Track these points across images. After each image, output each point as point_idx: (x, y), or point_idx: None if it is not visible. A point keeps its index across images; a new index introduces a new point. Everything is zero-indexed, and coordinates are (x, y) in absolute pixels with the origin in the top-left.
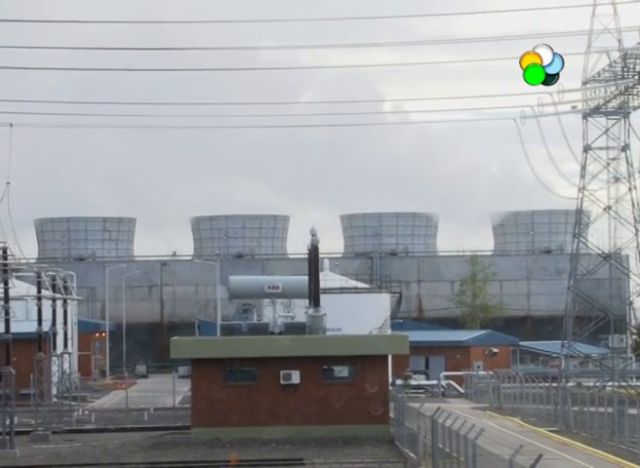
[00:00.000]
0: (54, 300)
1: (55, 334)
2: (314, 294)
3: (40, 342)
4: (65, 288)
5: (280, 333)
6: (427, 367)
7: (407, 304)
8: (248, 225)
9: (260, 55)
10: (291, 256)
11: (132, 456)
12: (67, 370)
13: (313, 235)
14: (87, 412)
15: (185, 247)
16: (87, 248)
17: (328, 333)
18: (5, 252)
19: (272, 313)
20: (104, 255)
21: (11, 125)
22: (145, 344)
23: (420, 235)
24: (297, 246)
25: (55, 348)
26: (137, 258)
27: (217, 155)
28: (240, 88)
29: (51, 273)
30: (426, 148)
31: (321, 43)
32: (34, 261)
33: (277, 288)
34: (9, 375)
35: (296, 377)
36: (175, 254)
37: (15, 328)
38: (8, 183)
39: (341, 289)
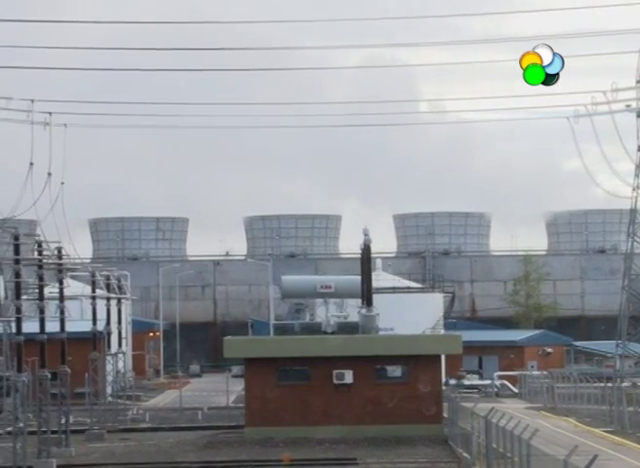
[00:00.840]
0: (108, 300)
1: (109, 334)
2: (367, 294)
3: (95, 341)
4: (119, 287)
5: (333, 333)
6: (481, 366)
7: (460, 304)
8: (300, 225)
9: (310, 54)
10: (343, 256)
11: (186, 455)
12: (122, 370)
13: (366, 235)
14: (141, 411)
15: (238, 246)
16: (140, 247)
17: (380, 333)
18: (60, 251)
19: (325, 313)
20: (158, 255)
21: (65, 125)
22: (199, 344)
23: (473, 234)
24: (349, 245)
25: (109, 347)
26: (190, 258)
27: (269, 154)
28: (290, 87)
29: (105, 273)
30: (479, 147)
31: (372, 42)
32: (88, 261)
33: (330, 287)
34: (64, 374)
35: (349, 377)
36: (228, 254)
37: (70, 327)
38: (62, 183)
39: (394, 288)
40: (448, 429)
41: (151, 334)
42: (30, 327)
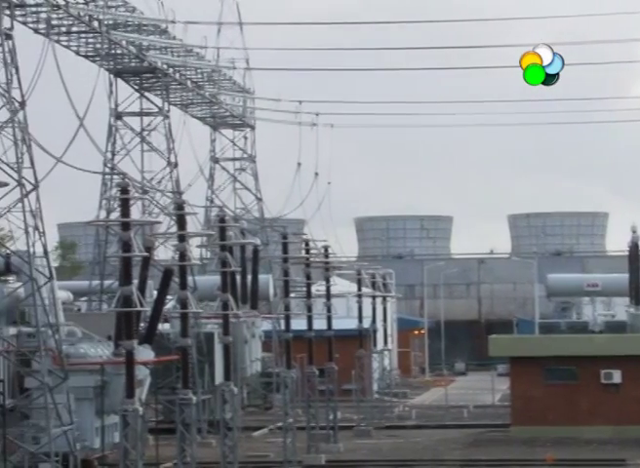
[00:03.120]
0: (373, 298)
1: (375, 331)
2: (635, 292)
3: (361, 339)
4: (385, 285)
5: (600, 332)
6: None
7: None
8: (566, 223)
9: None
10: (610, 254)
11: (451, 453)
12: (387, 367)
13: (634, 232)
14: (407, 409)
15: (502, 244)
16: (405, 246)
17: None
18: (326, 250)
19: (592, 311)
20: (422, 253)
21: (331, 125)
22: (463, 342)
23: None
24: (617, 243)
25: (375, 345)
26: (454, 256)
27: (535, 152)
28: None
29: (370, 271)
30: None
31: None
32: (354, 260)
33: (597, 286)
34: (331, 371)
35: (617, 377)
36: (492, 252)
37: (336, 324)
38: (329, 183)
39: None
40: None
41: (416, 332)
42: (298, 324)
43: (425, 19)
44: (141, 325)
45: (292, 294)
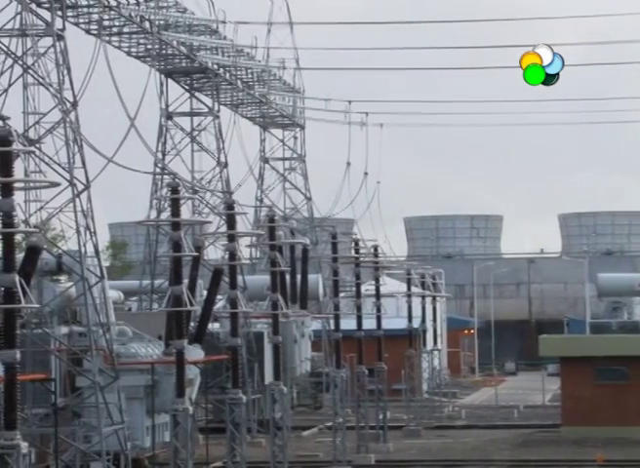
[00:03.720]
0: (423, 297)
1: (424, 331)
2: None
3: (410, 339)
4: (434, 285)
5: None
6: None
7: None
8: (617, 222)
9: None
10: None
11: (500, 453)
12: (437, 367)
13: None
14: (457, 409)
15: (553, 244)
16: (455, 245)
17: None
18: (376, 250)
19: None
20: (472, 253)
21: (381, 125)
22: (513, 342)
23: None
24: None
25: (425, 345)
26: (504, 256)
27: (586, 151)
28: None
29: (420, 271)
30: None
31: None
32: (403, 259)
33: None
34: (381, 371)
35: None
36: (542, 252)
37: (386, 324)
38: (378, 183)
39: None
40: None
41: (466, 332)
42: (348, 324)
43: (480, 19)
44: (192, 324)
45: (341, 294)
